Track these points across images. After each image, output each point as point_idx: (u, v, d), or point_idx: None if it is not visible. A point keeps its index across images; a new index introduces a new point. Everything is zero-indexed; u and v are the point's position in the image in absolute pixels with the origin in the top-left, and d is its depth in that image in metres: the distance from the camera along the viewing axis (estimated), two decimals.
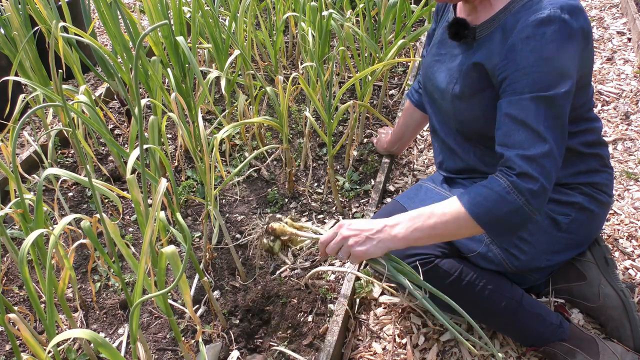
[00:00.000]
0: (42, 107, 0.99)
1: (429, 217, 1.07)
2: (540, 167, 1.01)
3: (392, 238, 1.07)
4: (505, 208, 1.01)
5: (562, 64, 1.03)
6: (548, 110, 1.02)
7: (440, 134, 1.39)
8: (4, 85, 1.84)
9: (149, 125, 1.41)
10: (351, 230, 1.09)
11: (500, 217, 1.02)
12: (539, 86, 1.02)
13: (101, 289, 1.60)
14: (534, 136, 1.02)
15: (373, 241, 1.07)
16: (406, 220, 1.08)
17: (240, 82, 2.22)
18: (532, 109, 1.02)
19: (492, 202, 1.02)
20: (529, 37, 1.03)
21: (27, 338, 1.02)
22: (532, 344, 1.29)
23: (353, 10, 2.12)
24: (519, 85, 1.04)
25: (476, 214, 1.03)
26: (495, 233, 1.06)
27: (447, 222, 1.06)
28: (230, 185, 1.95)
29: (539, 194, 1.01)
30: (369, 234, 1.08)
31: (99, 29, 3.28)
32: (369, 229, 1.08)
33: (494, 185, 1.03)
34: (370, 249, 1.07)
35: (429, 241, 1.11)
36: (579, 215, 1.26)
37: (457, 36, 1.20)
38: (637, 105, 2.24)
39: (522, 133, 1.03)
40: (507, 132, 1.05)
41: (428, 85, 1.35)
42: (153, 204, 1.00)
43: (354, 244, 1.08)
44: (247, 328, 1.44)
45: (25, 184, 1.92)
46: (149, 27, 1.96)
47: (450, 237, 1.12)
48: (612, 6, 3.11)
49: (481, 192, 1.04)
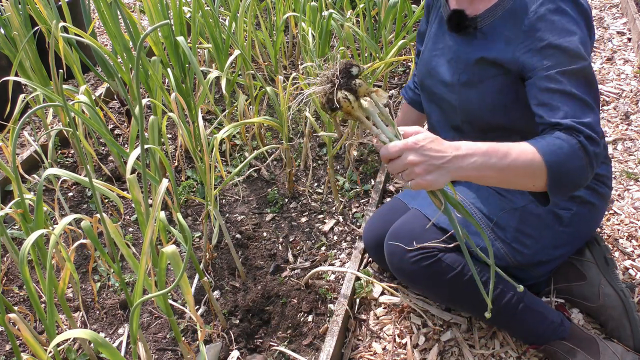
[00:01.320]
0: (42, 107, 0.99)
1: (504, 156, 0.98)
2: (597, 133, 1.01)
3: (458, 169, 0.96)
4: (576, 163, 0.99)
5: (583, 36, 1.06)
6: (585, 80, 1.04)
7: (438, 132, 1.39)
8: (4, 85, 1.84)
9: (149, 125, 1.41)
10: (421, 156, 0.94)
11: (568, 171, 0.99)
12: (571, 58, 1.04)
13: (101, 289, 1.60)
14: (584, 105, 1.03)
15: (441, 171, 0.95)
16: (480, 154, 0.98)
17: (240, 82, 2.22)
18: (573, 81, 1.03)
19: (565, 155, 0.99)
20: (548, 15, 1.06)
21: (27, 338, 1.02)
22: (533, 342, 1.29)
23: (353, 10, 2.12)
24: (551, 60, 1.05)
25: (550, 162, 0.98)
26: (555, 188, 1.00)
27: (519, 166, 0.98)
28: (230, 185, 1.95)
29: (599, 157, 1.02)
30: (440, 163, 0.95)
31: (99, 29, 3.28)
32: (439, 156, 0.95)
33: (567, 139, 1.00)
34: (437, 180, 0.95)
35: (492, 183, 1.03)
36: (580, 209, 1.27)
37: (458, 28, 1.20)
38: (637, 105, 2.24)
39: (571, 104, 1.03)
40: (555, 105, 1.04)
41: (427, 81, 1.35)
42: (154, 204, 1.00)
43: (422, 172, 0.94)
44: (247, 328, 1.44)
45: (25, 184, 1.92)
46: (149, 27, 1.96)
47: (512, 184, 1.03)
48: (612, 6, 3.11)
49: (556, 143, 1.00)
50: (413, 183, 0.96)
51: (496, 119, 1.19)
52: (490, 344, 1.37)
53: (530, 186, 1.01)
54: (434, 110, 1.38)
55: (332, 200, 1.86)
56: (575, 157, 0.98)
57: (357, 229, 1.74)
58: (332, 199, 1.86)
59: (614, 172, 1.89)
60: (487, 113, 1.21)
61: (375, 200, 1.77)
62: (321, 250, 1.68)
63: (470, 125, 1.28)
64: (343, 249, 1.68)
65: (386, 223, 1.39)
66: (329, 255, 1.65)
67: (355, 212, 1.81)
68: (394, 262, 1.29)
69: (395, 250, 1.28)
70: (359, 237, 1.67)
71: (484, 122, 1.24)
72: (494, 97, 1.18)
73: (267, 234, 1.75)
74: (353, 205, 1.84)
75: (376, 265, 1.59)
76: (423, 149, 0.94)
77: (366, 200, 1.85)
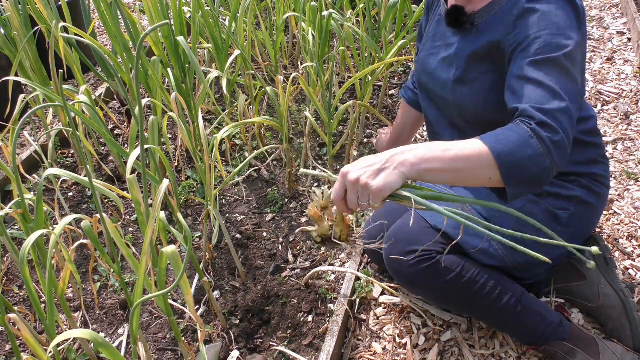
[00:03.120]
0: (42, 107, 0.99)
1: (447, 149, 0.96)
2: (558, 122, 0.96)
3: (404, 163, 0.94)
4: (528, 152, 0.94)
5: (570, 29, 1.04)
6: (562, 71, 1.01)
7: (436, 130, 1.39)
8: (4, 86, 1.84)
9: (149, 125, 1.41)
10: (358, 170, 0.95)
11: (520, 162, 0.94)
12: (550, 48, 1.02)
13: (101, 289, 1.60)
14: (550, 93, 0.99)
15: (387, 170, 0.94)
16: (423, 148, 0.96)
17: (240, 82, 2.22)
18: (546, 70, 1.01)
19: (514, 144, 0.94)
20: (536, 7, 1.06)
21: (27, 338, 1.02)
22: (533, 343, 1.29)
23: (353, 10, 2.12)
24: (530, 50, 1.04)
25: (498, 151, 0.94)
26: (512, 180, 0.96)
27: (467, 156, 0.95)
28: (230, 185, 1.95)
29: (560, 146, 0.96)
30: (379, 166, 0.94)
31: (99, 29, 3.28)
32: (375, 162, 0.95)
33: (516, 129, 0.96)
34: (388, 179, 0.93)
35: (444, 175, 0.97)
36: (578, 209, 1.27)
37: (457, 22, 1.21)
38: (637, 105, 2.24)
39: (537, 91, 1.00)
40: (522, 92, 1.02)
41: (424, 79, 1.36)
42: (154, 204, 1.00)
43: (368, 180, 0.94)
44: (247, 328, 1.44)
45: (25, 184, 1.92)
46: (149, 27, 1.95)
47: (464, 177, 0.99)
48: (612, 6, 3.10)
49: (503, 133, 0.97)
50: (372, 197, 0.94)
51: (490, 115, 1.19)
52: (490, 344, 1.37)
53: (486, 180, 0.97)
54: (431, 108, 1.39)
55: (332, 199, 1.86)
56: (526, 146, 0.94)
57: (357, 229, 1.74)
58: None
59: (614, 172, 1.89)
60: (481, 109, 1.22)
61: None
62: (321, 250, 1.68)
63: (466, 122, 1.28)
64: (343, 249, 1.68)
65: (385, 225, 1.40)
66: (329, 255, 1.65)
67: (355, 212, 1.81)
68: (392, 265, 1.29)
69: (393, 252, 1.28)
70: (359, 237, 1.67)
71: (479, 118, 1.24)
72: (486, 94, 1.19)
73: (267, 234, 1.76)
74: None
75: (376, 266, 1.59)
76: (356, 167, 0.96)
77: None
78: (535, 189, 1.00)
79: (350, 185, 0.96)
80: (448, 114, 1.32)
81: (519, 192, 0.98)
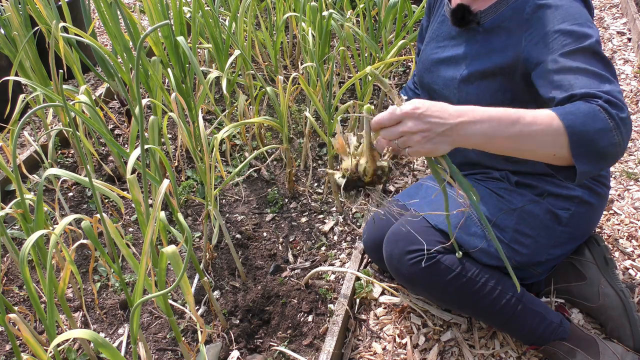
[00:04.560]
0: (42, 107, 0.99)
1: (515, 121, 0.91)
2: (620, 100, 0.94)
3: (462, 137, 0.90)
4: (598, 125, 0.90)
5: (588, 20, 1.06)
6: (597, 57, 1.01)
7: None
8: (4, 86, 1.84)
9: (149, 125, 1.41)
10: (422, 124, 0.89)
11: (591, 136, 0.90)
12: (577, 36, 1.02)
13: (101, 289, 1.60)
14: (598, 77, 0.97)
15: (443, 138, 0.89)
16: (487, 120, 0.91)
17: (240, 82, 2.22)
18: (582, 59, 1.00)
19: (585, 115, 0.90)
20: (549, 2, 1.07)
21: (27, 338, 1.02)
22: (533, 343, 1.29)
23: (353, 10, 2.12)
24: (557, 43, 1.03)
25: (569, 122, 0.90)
26: (581, 153, 0.91)
27: (533, 132, 0.90)
28: (230, 185, 1.95)
29: (627, 123, 0.92)
30: (441, 130, 0.89)
31: (99, 29, 3.28)
32: (441, 123, 0.89)
33: (584, 104, 0.92)
34: (437, 148, 0.90)
35: (505, 150, 0.93)
36: (578, 209, 1.27)
37: (463, 21, 1.21)
38: (637, 105, 2.24)
39: (585, 77, 0.97)
40: (569, 82, 0.98)
41: (427, 78, 1.36)
42: (154, 204, 1.00)
43: (421, 140, 0.89)
44: (247, 328, 1.44)
45: (25, 184, 1.92)
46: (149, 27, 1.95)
47: (528, 152, 0.93)
48: (612, 6, 3.10)
49: (574, 105, 0.92)
50: (411, 151, 0.91)
51: None
52: (490, 344, 1.37)
53: (551, 156, 0.92)
54: None
55: (332, 200, 1.86)
56: (596, 119, 0.89)
57: (357, 229, 1.74)
58: (332, 199, 1.86)
59: (614, 172, 1.89)
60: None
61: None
62: (321, 250, 1.68)
63: None
64: (343, 249, 1.68)
65: (385, 224, 1.40)
66: (329, 255, 1.65)
67: (355, 212, 1.81)
68: (393, 264, 1.29)
69: (393, 252, 1.28)
70: (359, 237, 1.67)
71: None
72: (493, 94, 1.19)
73: (267, 234, 1.76)
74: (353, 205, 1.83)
75: (376, 266, 1.59)
76: (423, 116, 0.89)
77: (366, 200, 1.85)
78: (602, 167, 0.95)
79: (403, 128, 0.90)
80: None
81: (587, 169, 0.92)
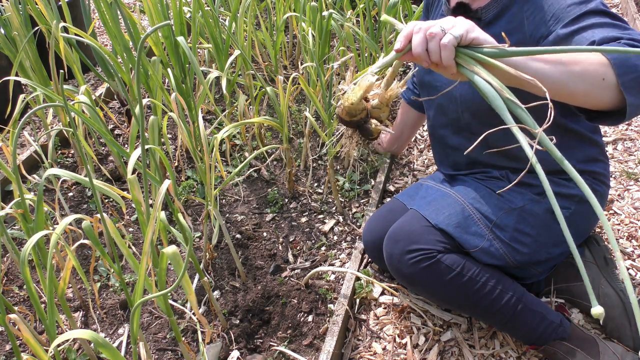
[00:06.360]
0: (42, 108, 0.99)
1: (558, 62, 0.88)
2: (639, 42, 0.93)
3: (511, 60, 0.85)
4: (633, 56, 0.88)
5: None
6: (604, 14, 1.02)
7: (437, 129, 1.40)
8: (4, 86, 1.84)
9: (149, 125, 1.41)
10: (450, 24, 0.85)
11: (633, 62, 0.89)
12: (581, 2, 1.04)
13: (101, 289, 1.60)
14: (615, 27, 0.97)
15: (475, 29, 0.84)
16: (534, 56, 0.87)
17: (240, 82, 2.22)
18: (594, 17, 1.00)
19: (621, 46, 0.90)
20: None
21: (27, 338, 1.02)
22: (533, 343, 1.29)
23: (353, 10, 2.12)
24: (563, 12, 1.05)
25: (611, 56, 0.89)
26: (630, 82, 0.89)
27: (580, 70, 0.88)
28: (230, 185, 1.95)
29: None
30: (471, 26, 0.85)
31: (99, 29, 3.28)
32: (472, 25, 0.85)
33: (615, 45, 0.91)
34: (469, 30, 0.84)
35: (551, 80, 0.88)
36: (579, 208, 1.27)
37: None
38: None
39: (600, 29, 0.97)
40: (585, 39, 0.98)
41: (427, 77, 1.36)
42: (154, 205, 1.00)
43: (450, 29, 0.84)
44: (247, 328, 1.44)
45: (25, 184, 1.92)
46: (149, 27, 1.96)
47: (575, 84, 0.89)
48: (612, 6, 3.10)
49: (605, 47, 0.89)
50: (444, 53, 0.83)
51: None
52: (490, 344, 1.37)
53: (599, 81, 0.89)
54: (434, 106, 1.39)
55: (332, 200, 1.86)
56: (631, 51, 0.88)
57: (357, 229, 1.74)
58: (332, 199, 1.86)
59: (614, 172, 1.89)
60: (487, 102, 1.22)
61: (375, 200, 1.77)
62: (321, 250, 1.68)
63: (471, 115, 1.28)
64: (343, 249, 1.68)
65: (385, 224, 1.40)
66: (329, 255, 1.65)
67: (355, 212, 1.81)
68: (393, 264, 1.29)
69: (393, 252, 1.28)
70: (359, 237, 1.67)
71: (485, 110, 1.24)
72: None
73: (267, 234, 1.76)
74: (353, 205, 1.84)
75: (376, 266, 1.59)
76: (453, 21, 0.85)
77: (366, 200, 1.85)
78: None
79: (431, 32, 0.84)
80: (453, 109, 1.32)
81: (637, 101, 0.90)
